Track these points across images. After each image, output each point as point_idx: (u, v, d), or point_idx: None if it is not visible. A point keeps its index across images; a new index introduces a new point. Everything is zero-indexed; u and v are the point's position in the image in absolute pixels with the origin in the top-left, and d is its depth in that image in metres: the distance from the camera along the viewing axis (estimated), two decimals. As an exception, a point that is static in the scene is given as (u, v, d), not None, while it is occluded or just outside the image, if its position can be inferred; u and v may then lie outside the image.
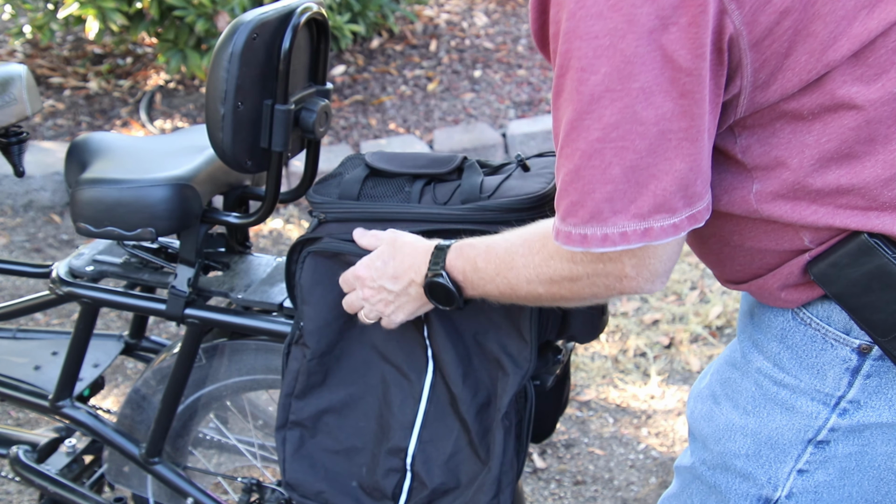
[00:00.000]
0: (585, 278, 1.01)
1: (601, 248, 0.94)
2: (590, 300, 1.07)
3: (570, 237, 0.95)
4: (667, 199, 0.91)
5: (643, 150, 0.90)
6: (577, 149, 0.91)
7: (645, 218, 0.92)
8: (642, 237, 0.92)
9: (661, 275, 0.99)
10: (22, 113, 1.69)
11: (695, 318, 2.99)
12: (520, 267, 1.08)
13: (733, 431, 1.11)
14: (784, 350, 1.06)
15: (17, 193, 3.69)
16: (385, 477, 1.37)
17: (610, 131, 0.89)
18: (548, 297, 1.09)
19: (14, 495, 2.29)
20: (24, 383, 1.81)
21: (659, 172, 0.90)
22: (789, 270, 1.02)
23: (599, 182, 0.91)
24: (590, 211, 0.93)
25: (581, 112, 0.90)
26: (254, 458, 1.86)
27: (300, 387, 1.40)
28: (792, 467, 1.08)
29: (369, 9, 4.33)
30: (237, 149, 1.38)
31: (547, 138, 4.13)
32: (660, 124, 0.89)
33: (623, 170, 0.90)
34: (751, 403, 1.10)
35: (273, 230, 3.57)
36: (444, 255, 1.18)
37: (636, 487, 2.37)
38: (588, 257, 0.99)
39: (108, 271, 1.68)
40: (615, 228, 0.92)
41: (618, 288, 1.00)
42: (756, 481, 1.11)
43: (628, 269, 0.98)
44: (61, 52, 4.73)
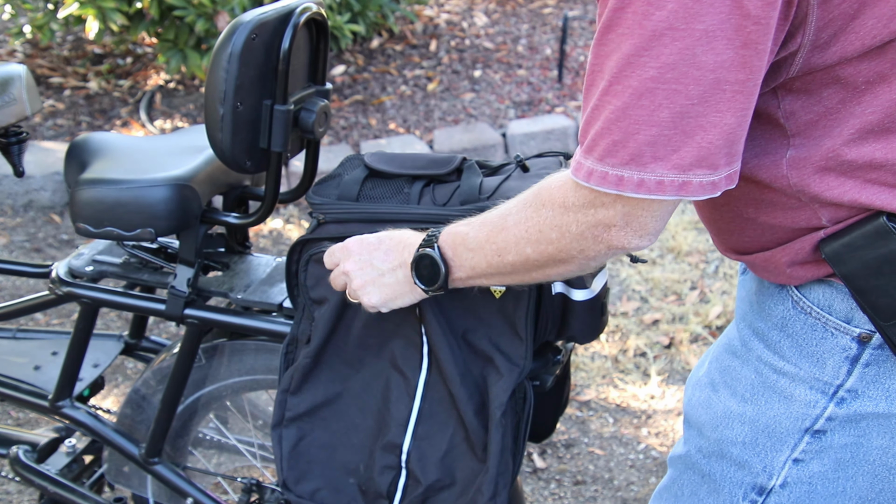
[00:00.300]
0: (575, 228, 0.98)
1: (635, 193, 0.90)
2: (578, 260, 1.02)
3: (605, 177, 0.91)
4: (711, 153, 0.89)
5: (696, 96, 0.87)
6: (628, 86, 0.88)
7: (685, 170, 0.89)
8: (679, 190, 0.90)
9: (652, 233, 0.96)
10: (22, 113, 1.69)
11: (695, 318, 2.99)
12: (511, 226, 1.05)
13: (731, 419, 1.11)
14: (784, 338, 1.06)
15: (17, 193, 3.69)
16: (381, 474, 1.37)
17: (665, 72, 0.86)
18: (536, 261, 1.05)
19: (14, 495, 2.29)
20: (24, 383, 1.81)
21: (707, 124, 0.88)
22: (800, 246, 1.01)
23: (646, 124, 0.88)
24: (630, 153, 0.89)
25: (640, 47, 0.86)
26: (253, 458, 1.86)
27: (295, 383, 1.41)
28: (788, 456, 1.08)
29: (369, 9, 4.33)
30: (236, 149, 1.38)
31: (547, 138, 4.13)
32: (717, 72, 0.86)
33: (672, 115, 0.87)
34: (749, 391, 1.10)
35: (273, 230, 3.57)
36: (438, 232, 1.16)
37: (636, 487, 2.37)
38: (582, 201, 0.96)
39: (108, 271, 1.68)
40: (653, 175, 0.89)
41: (605, 239, 0.97)
42: (751, 469, 1.11)
43: (619, 218, 0.95)
44: (61, 52, 4.73)
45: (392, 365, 1.37)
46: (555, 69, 4.66)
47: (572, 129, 4.19)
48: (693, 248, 3.40)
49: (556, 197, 0.99)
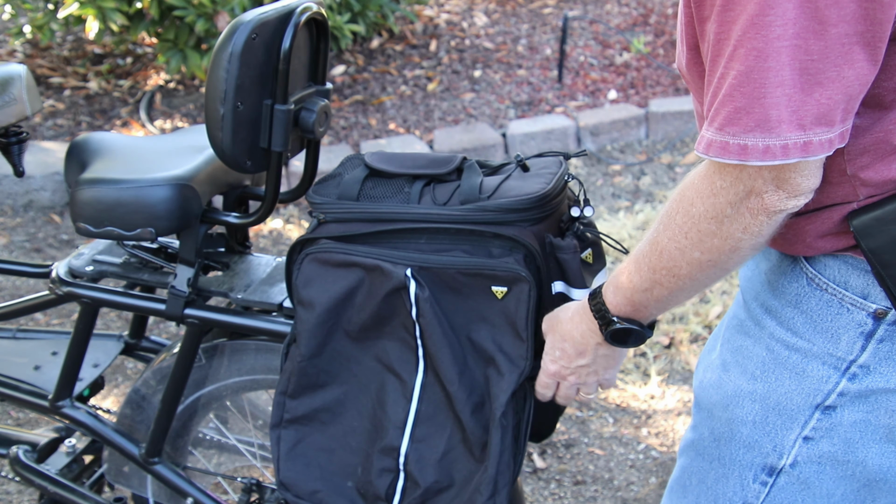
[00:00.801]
0: (729, 209, 0.96)
1: (760, 161, 0.89)
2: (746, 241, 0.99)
3: (726, 148, 0.90)
4: (830, 109, 0.87)
5: (817, 52, 0.86)
6: (753, 48, 0.86)
7: (806, 129, 0.87)
8: (802, 151, 0.88)
9: (808, 191, 0.94)
10: (22, 113, 1.69)
11: (695, 318, 2.99)
12: (666, 243, 1.03)
13: (741, 397, 1.11)
14: (798, 315, 1.06)
15: (17, 193, 3.69)
16: (379, 477, 1.37)
17: (789, 28, 0.84)
18: (709, 261, 1.02)
19: (14, 495, 2.29)
20: (24, 383, 1.81)
21: (826, 79, 0.86)
22: (828, 216, 1.01)
23: (771, 85, 0.86)
24: (756, 118, 0.87)
25: (765, 6, 0.84)
26: (253, 458, 1.86)
27: (293, 387, 1.40)
28: (798, 434, 1.08)
29: (369, 9, 4.33)
30: (237, 149, 1.38)
31: (547, 138, 4.14)
32: (839, 26, 0.85)
33: (793, 72, 0.86)
34: (760, 369, 1.10)
35: (273, 230, 3.57)
36: (602, 301, 1.15)
37: (636, 487, 2.37)
38: (728, 181, 0.94)
39: (108, 271, 1.68)
40: (778, 140, 0.88)
41: (762, 209, 0.94)
42: (761, 450, 1.11)
43: (768, 184, 0.92)
44: (61, 52, 4.73)
45: (387, 368, 1.37)
46: (555, 69, 4.66)
47: (572, 129, 4.19)
48: (693, 248, 3.40)
49: (703, 188, 0.97)
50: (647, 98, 4.45)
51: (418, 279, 1.27)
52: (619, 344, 1.16)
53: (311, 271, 1.34)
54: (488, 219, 1.26)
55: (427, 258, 1.27)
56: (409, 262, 1.28)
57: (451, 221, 1.28)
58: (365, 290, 1.32)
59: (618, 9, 5.27)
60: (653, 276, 1.07)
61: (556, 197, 1.30)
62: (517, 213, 1.26)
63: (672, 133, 4.31)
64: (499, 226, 1.26)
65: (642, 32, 5.02)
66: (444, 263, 1.27)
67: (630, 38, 4.89)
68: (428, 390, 1.34)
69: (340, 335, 1.37)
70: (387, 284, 1.29)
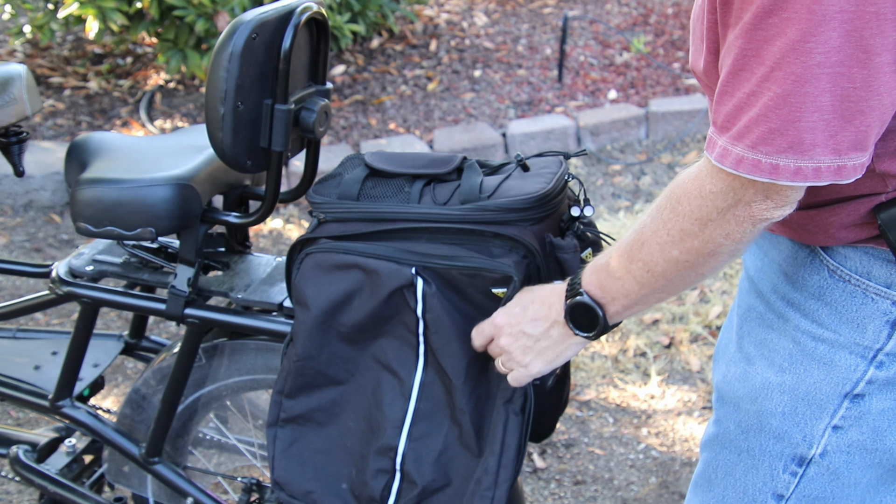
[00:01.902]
0: (715, 214, 0.97)
1: (790, 182, 0.89)
2: (726, 247, 1.00)
3: (758, 166, 0.90)
4: (867, 135, 0.88)
5: (859, 80, 0.86)
6: (791, 72, 0.86)
7: (841, 154, 0.88)
8: (835, 175, 0.89)
9: (793, 202, 0.95)
10: (22, 113, 1.69)
11: (695, 317, 2.99)
12: (650, 236, 1.04)
13: (770, 389, 1.12)
14: (822, 307, 1.07)
15: (17, 193, 3.69)
16: (374, 478, 1.37)
17: (832, 55, 0.85)
18: (686, 261, 1.03)
19: (14, 495, 2.29)
20: (24, 383, 1.81)
21: (867, 108, 0.87)
22: (855, 208, 1.01)
23: (808, 110, 0.86)
24: (790, 140, 0.88)
25: (807, 32, 0.84)
26: (253, 458, 1.86)
27: (290, 387, 1.40)
28: (827, 423, 1.09)
29: (369, 8, 4.33)
30: (237, 148, 1.38)
31: (547, 138, 4.14)
32: (882, 55, 0.85)
33: (834, 99, 0.86)
34: (787, 361, 1.10)
35: (273, 230, 3.57)
36: (579, 278, 1.14)
37: (636, 487, 2.37)
38: (720, 187, 0.95)
39: (108, 271, 1.68)
40: (811, 163, 0.88)
41: (748, 217, 0.96)
42: (790, 440, 1.11)
43: (759, 194, 0.93)
44: (61, 51, 4.73)
45: (384, 367, 1.36)
46: (555, 69, 4.66)
47: (572, 128, 4.19)
48: (693, 248, 3.40)
49: (692, 189, 0.98)
50: (647, 98, 4.45)
51: (424, 276, 1.27)
52: (574, 325, 1.15)
53: (310, 272, 1.34)
54: (488, 218, 1.26)
55: (428, 258, 1.28)
56: (412, 262, 1.28)
57: (451, 221, 1.28)
58: (365, 291, 1.31)
59: (618, 8, 5.27)
60: (629, 266, 1.08)
61: (557, 197, 1.30)
62: (517, 212, 1.26)
63: (672, 133, 4.31)
64: (499, 225, 1.26)
65: (642, 32, 5.02)
66: (443, 262, 1.27)
67: (630, 37, 4.89)
68: (427, 388, 1.34)
69: (338, 336, 1.37)
70: (389, 283, 1.29)
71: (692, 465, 2.43)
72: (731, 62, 0.92)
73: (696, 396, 2.68)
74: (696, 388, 2.71)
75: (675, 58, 4.82)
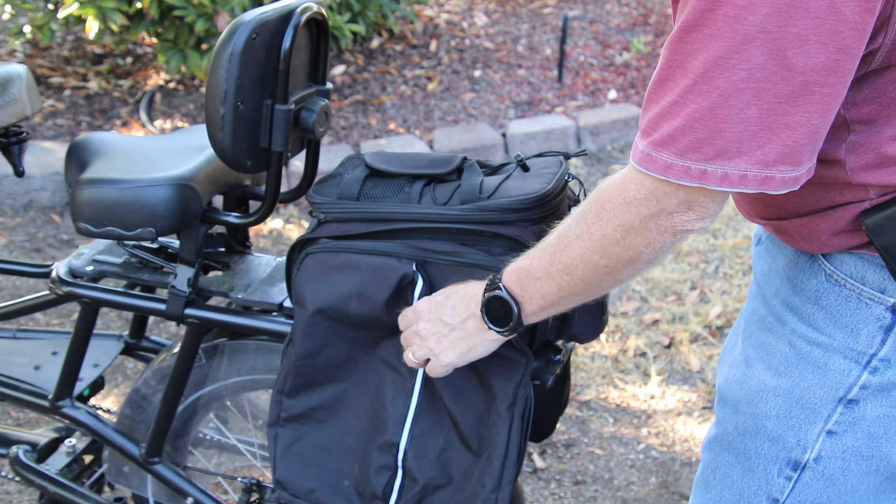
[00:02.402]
0: (637, 221, 0.98)
1: (718, 186, 0.91)
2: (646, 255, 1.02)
3: (688, 172, 0.92)
4: (795, 150, 0.89)
5: (783, 96, 0.87)
6: (715, 87, 0.88)
7: (769, 166, 0.90)
8: (761, 184, 0.90)
9: (713, 215, 0.97)
10: (22, 113, 1.69)
11: (695, 318, 2.99)
12: (573, 240, 1.06)
13: (765, 392, 1.12)
14: (819, 311, 1.07)
15: (17, 193, 3.69)
16: (376, 474, 1.37)
17: (755, 72, 0.86)
18: (605, 266, 1.05)
19: (14, 495, 2.29)
20: (24, 383, 1.81)
21: (794, 123, 0.88)
22: (841, 215, 1.02)
23: (733, 122, 0.88)
24: (717, 149, 0.90)
25: (729, 50, 0.86)
26: (254, 458, 1.86)
27: (290, 386, 1.41)
28: (822, 428, 1.09)
29: (369, 8, 4.33)
30: (237, 149, 1.38)
31: (547, 138, 4.14)
32: (807, 75, 0.86)
33: (759, 112, 0.88)
34: (783, 364, 1.11)
35: (273, 230, 3.57)
36: (500, 273, 1.16)
37: (636, 487, 2.37)
38: (643, 194, 0.97)
39: (108, 271, 1.68)
40: (737, 170, 0.90)
41: (668, 227, 0.97)
42: (785, 444, 1.11)
43: (680, 205, 0.95)
44: (61, 51, 4.73)
45: (387, 364, 1.37)
46: (555, 69, 4.65)
47: (572, 129, 4.19)
48: (693, 248, 3.40)
49: (616, 195, 0.99)
50: (647, 98, 4.45)
51: (423, 272, 1.28)
52: (488, 315, 1.16)
53: (310, 272, 1.34)
54: (488, 219, 1.26)
55: (429, 253, 1.28)
56: (413, 257, 1.28)
57: (451, 221, 1.28)
58: (366, 290, 1.31)
59: (618, 8, 5.27)
60: (549, 268, 1.09)
61: (557, 197, 1.31)
62: (517, 212, 1.26)
63: (672, 133, 4.30)
64: (499, 226, 1.26)
65: (642, 32, 5.02)
66: (445, 258, 1.27)
67: (630, 37, 4.88)
68: (429, 385, 1.34)
69: (338, 335, 1.37)
70: (391, 279, 1.29)
71: (692, 465, 2.43)
72: (658, 71, 0.94)
73: (696, 396, 2.68)
74: (696, 388, 2.71)
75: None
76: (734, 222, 3.58)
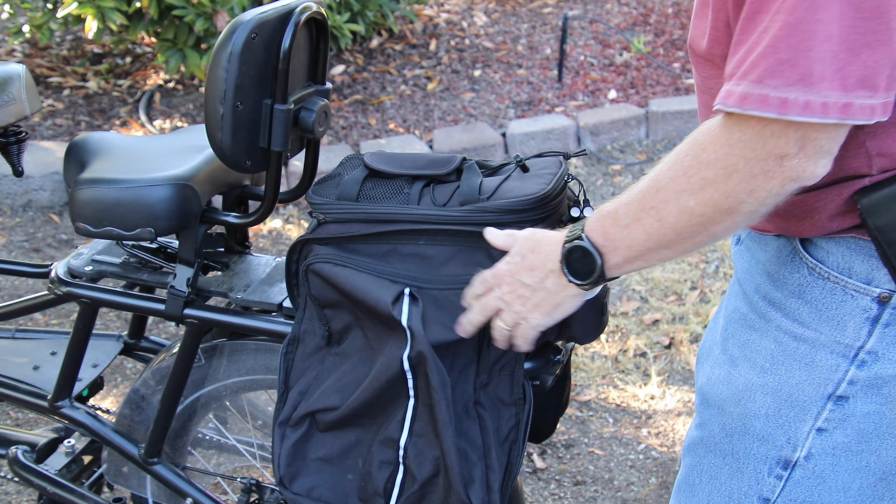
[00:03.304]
0: (742, 165, 0.92)
1: (800, 117, 0.86)
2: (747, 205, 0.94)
3: (766, 101, 0.87)
4: (875, 73, 0.86)
5: (869, 10, 0.85)
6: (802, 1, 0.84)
7: (848, 90, 0.86)
8: (842, 113, 0.87)
9: (827, 154, 0.91)
10: (21, 112, 1.69)
11: (695, 318, 2.99)
12: (666, 183, 0.98)
13: (753, 391, 1.11)
14: (803, 305, 1.06)
15: (16, 193, 3.69)
16: (379, 469, 1.37)
17: None
18: (699, 216, 0.97)
19: (13, 495, 2.28)
20: (23, 383, 1.81)
21: (876, 42, 0.86)
22: (838, 193, 1.00)
23: (819, 38, 0.84)
24: (801, 71, 0.86)
25: None
26: (253, 459, 1.86)
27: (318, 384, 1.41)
28: (811, 425, 1.08)
29: (369, 8, 4.33)
30: (236, 148, 1.38)
31: (547, 138, 4.13)
32: None
33: (843, 29, 0.85)
34: (769, 362, 1.09)
35: (272, 230, 3.57)
36: (582, 223, 1.08)
37: (636, 488, 2.37)
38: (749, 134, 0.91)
39: (107, 271, 1.67)
40: (818, 97, 0.86)
41: (778, 172, 0.91)
42: (775, 443, 1.10)
43: (792, 144, 0.89)
44: (60, 51, 4.73)
45: (389, 364, 1.37)
46: (555, 69, 4.65)
47: (572, 128, 4.19)
48: (693, 248, 3.40)
49: (720, 136, 0.93)
50: (647, 98, 4.45)
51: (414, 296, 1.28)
52: (569, 268, 1.08)
53: (317, 277, 1.34)
54: (488, 220, 1.26)
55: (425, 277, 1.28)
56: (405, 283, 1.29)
57: (450, 223, 1.28)
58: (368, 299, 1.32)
59: (618, 8, 5.27)
60: (638, 213, 1.01)
61: (556, 197, 1.30)
62: (517, 213, 1.26)
63: (672, 133, 4.31)
64: (499, 227, 1.26)
65: (642, 32, 5.02)
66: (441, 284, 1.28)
67: (630, 37, 4.88)
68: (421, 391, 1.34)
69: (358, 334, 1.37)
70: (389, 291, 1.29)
71: (692, 465, 2.43)
72: (745, 10, 0.90)
73: (696, 397, 2.68)
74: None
75: (676, 58, 4.81)
76: (734, 222, 3.57)
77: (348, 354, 1.40)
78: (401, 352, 1.29)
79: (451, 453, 1.28)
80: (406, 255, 1.31)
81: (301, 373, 1.43)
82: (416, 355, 1.27)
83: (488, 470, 1.32)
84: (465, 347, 1.32)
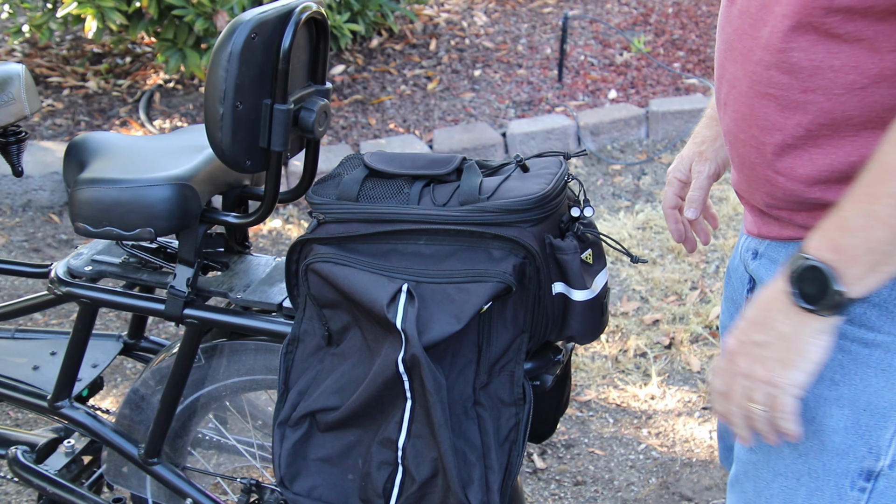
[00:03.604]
0: None
1: None
2: None
3: None
4: None
5: None
6: None
7: None
8: None
9: None
10: (20, 112, 1.68)
11: (695, 318, 2.99)
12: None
13: (826, 405, 1.04)
14: (869, 309, 1.00)
15: (15, 193, 3.69)
16: (378, 469, 1.37)
17: None
18: None
19: (13, 495, 2.28)
20: (23, 383, 1.81)
21: None
22: None
23: None
24: None
25: None
26: (253, 459, 1.86)
27: (316, 384, 1.41)
28: (894, 431, 1.03)
29: (369, 8, 4.33)
30: (236, 148, 1.37)
31: (547, 138, 4.13)
32: None
33: None
34: (839, 373, 1.03)
35: (272, 230, 3.57)
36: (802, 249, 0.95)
37: (636, 488, 2.37)
38: None
39: (107, 271, 1.67)
40: None
41: None
42: (856, 454, 1.05)
43: None
44: (60, 51, 4.73)
45: (387, 364, 1.36)
46: (555, 69, 4.65)
47: (572, 128, 4.19)
48: (693, 248, 3.40)
49: None
50: (648, 98, 4.45)
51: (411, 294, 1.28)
52: (802, 295, 0.93)
53: (317, 277, 1.34)
54: (488, 220, 1.26)
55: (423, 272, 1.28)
56: (404, 277, 1.28)
57: (450, 222, 1.28)
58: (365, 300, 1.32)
59: (618, 8, 5.27)
60: (871, 209, 0.88)
61: (556, 197, 1.30)
62: (517, 213, 1.26)
63: (672, 133, 4.31)
64: (498, 227, 1.26)
65: (642, 32, 5.02)
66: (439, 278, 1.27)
67: (630, 37, 4.88)
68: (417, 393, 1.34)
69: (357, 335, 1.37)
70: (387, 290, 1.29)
71: (692, 465, 2.43)
72: None
73: (697, 397, 2.67)
74: (697, 388, 2.71)
75: (676, 57, 4.81)
76: (734, 222, 3.57)
77: (347, 355, 1.40)
78: (396, 354, 1.28)
79: (447, 455, 1.28)
80: (406, 255, 1.31)
81: (301, 373, 1.43)
82: (411, 358, 1.27)
83: (487, 470, 1.32)
84: (464, 347, 1.32)
